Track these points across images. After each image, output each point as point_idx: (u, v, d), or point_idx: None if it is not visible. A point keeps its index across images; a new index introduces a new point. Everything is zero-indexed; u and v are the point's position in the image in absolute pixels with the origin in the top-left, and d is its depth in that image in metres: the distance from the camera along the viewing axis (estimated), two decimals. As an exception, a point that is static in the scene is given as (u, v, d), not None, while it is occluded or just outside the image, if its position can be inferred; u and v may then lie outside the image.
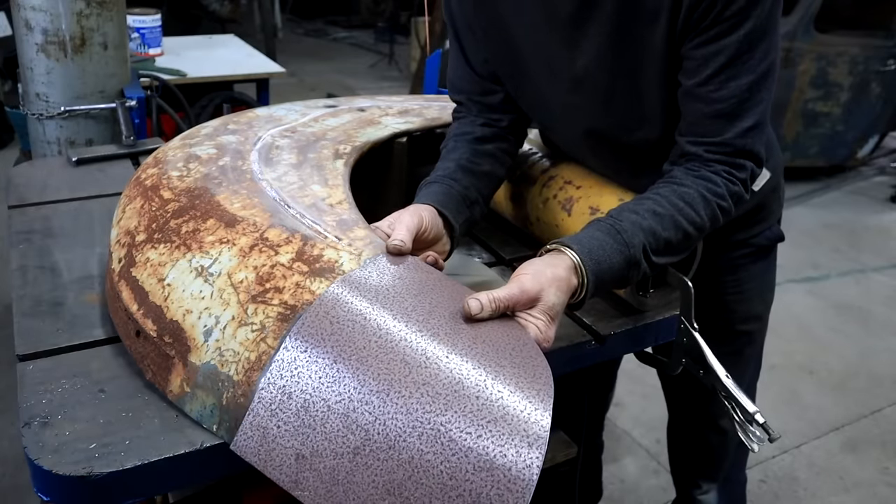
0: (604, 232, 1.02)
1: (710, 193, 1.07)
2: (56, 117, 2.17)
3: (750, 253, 1.43)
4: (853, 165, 5.25)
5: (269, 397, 0.83)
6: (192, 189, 1.14)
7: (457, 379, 0.81)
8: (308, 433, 0.80)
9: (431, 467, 0.76)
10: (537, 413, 0.79)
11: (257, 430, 0.82)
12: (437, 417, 0.78)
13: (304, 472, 0.79)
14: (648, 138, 1.18)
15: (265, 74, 3.49)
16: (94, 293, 1.16)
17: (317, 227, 1.02)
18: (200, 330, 0.91)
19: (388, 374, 0.81)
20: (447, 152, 1.25)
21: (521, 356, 0.86)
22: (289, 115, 1.53)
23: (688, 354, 1.16)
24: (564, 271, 0.97)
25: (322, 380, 0.82)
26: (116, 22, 2.18)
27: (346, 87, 6.50)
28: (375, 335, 0.85)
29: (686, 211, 1.06)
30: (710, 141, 1.07)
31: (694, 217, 1.06)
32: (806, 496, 2.34)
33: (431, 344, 0.84)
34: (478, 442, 0.76)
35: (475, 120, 1.29)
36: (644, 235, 1.03)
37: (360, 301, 0.89)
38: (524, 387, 0.81)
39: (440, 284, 0.95)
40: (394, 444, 0.77)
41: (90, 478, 0.80)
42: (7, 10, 3.80)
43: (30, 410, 0.89)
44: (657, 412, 2.61)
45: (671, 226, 1.05)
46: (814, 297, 3.52)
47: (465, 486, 0.74)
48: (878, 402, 2.80)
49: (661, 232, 1.04)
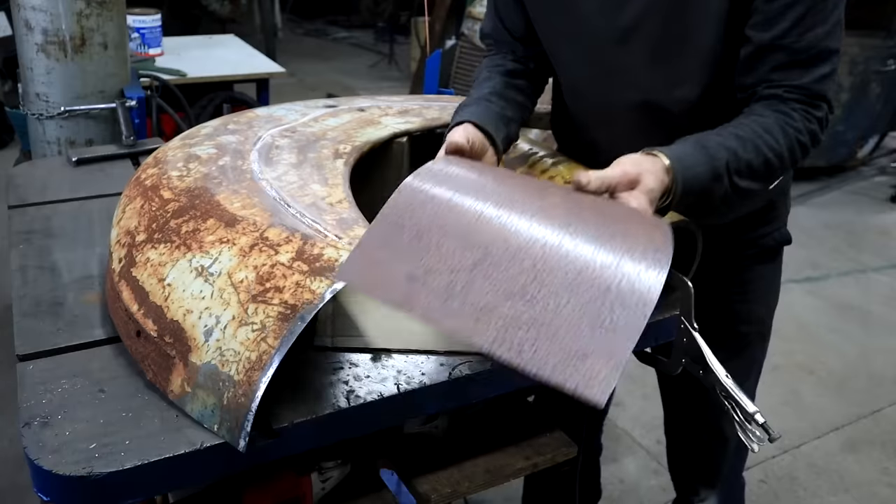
0: (690, 145, 1.07)
1: (788, 126, 1.10)
2: (56, 117, 2.17)
3: (756, 254, 1.43)
4: (853, 165, 5.25)
5: (378, 232, 0.85)
6: (192, 189, 1.14)
7: (576, 208, 0.87)
8: (422, 256, 0.82)
9: (557, 269, 0.78)
10: (659, 242, 0.83)
11: (364, 260, 0.83)
12: (560, 229, 0.82)
13: (416, 291, 0.80)
14: (688, 98, 1.19)
15: (265, 74, 3.48)
16: (94, 293, 1.16)
17: (317, 226, 1.01)
18: (201, 330, 0.91)
19: (507, 200, 0.86)
20: (481, 80, 1.32)
21: (633, 213, 0.92)
22: (289, 115, 1.53)
23: (687, 354, 1.16)
24: (659, 166, 1.02)
25: (437, 209, 0.86)
26: (116, 22, 2.18)
27: (346, 87, 6.50)
28: (490, 176, 0.94)
29: (766, 138, 1.09)
30: (788, 84, 1.11)
31: (773, 144, 1.09)
32: (806, 496, 2.34)
33: (547, 187, 0.94)
34: (604, 245, 0.80)
35: (506, 56, 1.36)
36: (727, 153, 1.06)
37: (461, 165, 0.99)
38: (645, 224, 0.88)
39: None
40: (515, 254, 0.80)
41: (90, 478, 0.80)
42: (7, 10, 3.80)
43: (30, 410, 0.89)
44: (657, 412, 2.61)
45: (752, 149, 1.08)
46: (814, 297, 3.51)
47: (593, 281, 0.77)
48: (878, 402, 2.80)
49: (743, 154, 1.07)
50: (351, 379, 1.00)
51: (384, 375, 1.01)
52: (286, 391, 0.95)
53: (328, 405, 0.95)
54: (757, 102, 1.14)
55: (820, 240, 4.14)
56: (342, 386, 0.99)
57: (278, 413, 0.92)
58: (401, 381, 1.00)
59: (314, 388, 0.98)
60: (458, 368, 1.04)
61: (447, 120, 1.52)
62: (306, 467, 1.08)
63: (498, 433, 1.26)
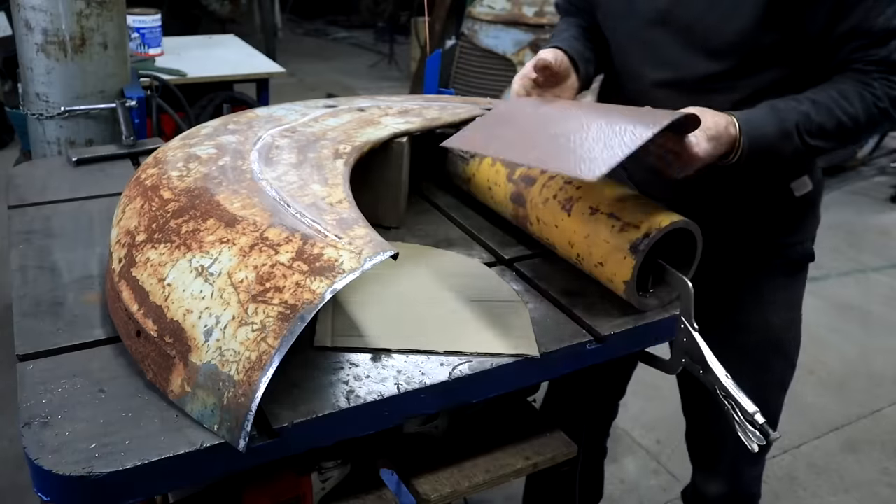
0: (762, 107, 1.20)
1: (867, 92, 1.19)
2: (56, 117, 2.17)
3: (781, 265, 1.44)
4: (853, 165, 5.25)
5: (476, 122, 1.30)
6: (192, 189, 1.14)
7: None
8: (503, 125, 1.25)
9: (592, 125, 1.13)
10: (662, 117, 1.09)
11: (464, 134, 1.27)
12: (599, 114, 1.18)
13: (492, 141, 1.22)
14: (720, 73, 1.28)
15: (265, 74, 3.48)
16: (94, 293, 1.16)
17: (317, 226, 1.01)
18: (201, 330, 0.91)
19: (566, 106, 1.27)
20: (561, 31, 1.50)
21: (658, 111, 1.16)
22: (289, 115, 1.53)
23: (688, 354, 1.16)
24: (724, 118, 1.16)
25: (518, 110, 1.29)
26: (116, 22, 2.18)
27: (346, 87, 6.50)
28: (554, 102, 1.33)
29: (841, 102, 1.19)
30: (867, 58, 1.19)
31: (848, 108, 1.19)
32: (806, 496, 2.34)
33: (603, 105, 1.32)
34: (624, 116, 1.13)
35: (580, 15, 1.52)
36: (798, 115, 1.19)
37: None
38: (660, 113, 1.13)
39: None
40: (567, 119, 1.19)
41: (90, 478, 0.80)
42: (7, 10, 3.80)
43: (30, 410, 0.89)
44: (657, 412, 2.61)
45: (825, 112, 1.19)
46: (814, 297, 3.51)
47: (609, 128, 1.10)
48: (878, 402, 2.80)
49: (815, 116, 1.19)
50: (351, 379, 1.00)
51: (384, 375, 1.01)
52: (286, 391, 0.95)
53: (328, 405, 0.95)
54: (839, 74, 1.22)
55: (820, 240, 4.13)
56: (342, 386, 0.99)
57: (278, 413, 0.92)
58: (401, 381, 1.00)
59: (314, 388, 0.98)
60: (458, 368, 1.04)
61: (447, 120, 1.52)
62: (306, 467, 1.08)
63: (498, 433, 1.26)
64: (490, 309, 1.18)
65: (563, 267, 1.31)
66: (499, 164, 1.42)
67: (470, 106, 1.64)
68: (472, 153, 1.48)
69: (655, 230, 1.14)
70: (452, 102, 1.70)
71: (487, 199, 1.47)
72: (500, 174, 1.41)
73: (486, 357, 1.06)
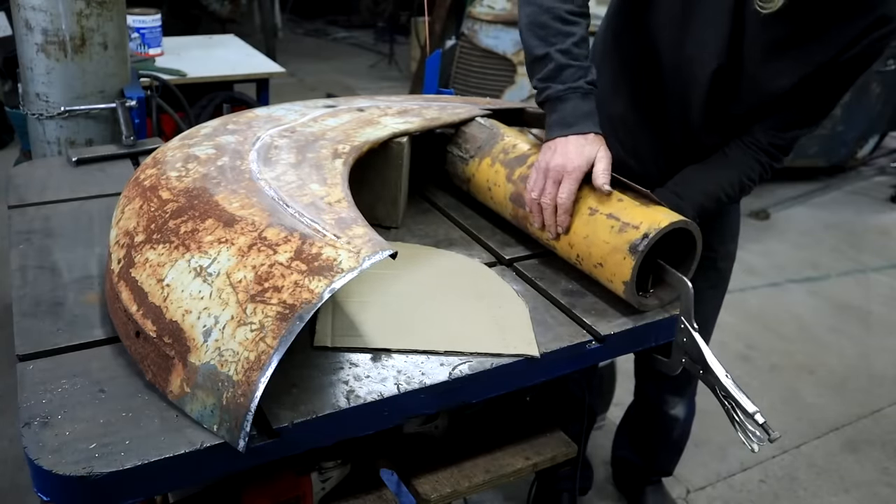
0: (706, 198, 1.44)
1: (757, 164, 1.44)
2: (56, 117, 2.17)
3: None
4: (853, 165, 5.24)
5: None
6: (191, 189, 1.14)
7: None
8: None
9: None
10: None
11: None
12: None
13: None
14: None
15: (265, 74, 3.48)
16: (94, 293, 1.16)
17: (315, 226, 1.01)
18: (200, 330, 0.91)
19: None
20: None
21: None
22: (288, 115, 1.53)
23: (688, 354, 1.16)
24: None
25: None
26: (116, 22, 2.18)
27: (346, 87, 6.49)
28: None
29: (750, 174, 1.46)
30: (775, 140, 1.43)
31: (752, 176, 1.46)
32: (806, 496, 2.33)
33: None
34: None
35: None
36: (722, 189, 1.45)
37: None
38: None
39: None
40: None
41: (90, 478, 0.80)
42: (7, 10, 3.80)
43: (30, 410, 0.89)
44: (657, 412, 2.61)
45: (738, 184, 1.46)
46: (814, 297, 3.51)
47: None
48: (878, 402, 2.79)
49: (730, 188, 1.46)
50: (351, 379, 1.00)
51: (384, 375, 1.01)
52: (286, 391, 0.95)
53: (328, 405, 0.95)
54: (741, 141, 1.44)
55: (820, 240, 4.13)
56: (342, 386, 0.99)
57: (278, 413, 0.92)
58: (401, 381, 1.00)
59: (314, 388, 0.98)
60: (458, 368, 1.04)
61: (447, 120, 1.52)
62: (306, 467, 1.08)
63: (498, 433, 1.26)
64: (490, 309, 1.18)
65: (563, 267, 1.32)
66: (498, 165, 1.42)
67: (470, 106, 1.64)
68: (472, 153, 1.48)
69: (655, 230, 1.14)
70: (452, 102, 1.70)
71: (487, 200, 1.47)
72: (500, 174, 1.41)
73: (486, 357, 1.06)
